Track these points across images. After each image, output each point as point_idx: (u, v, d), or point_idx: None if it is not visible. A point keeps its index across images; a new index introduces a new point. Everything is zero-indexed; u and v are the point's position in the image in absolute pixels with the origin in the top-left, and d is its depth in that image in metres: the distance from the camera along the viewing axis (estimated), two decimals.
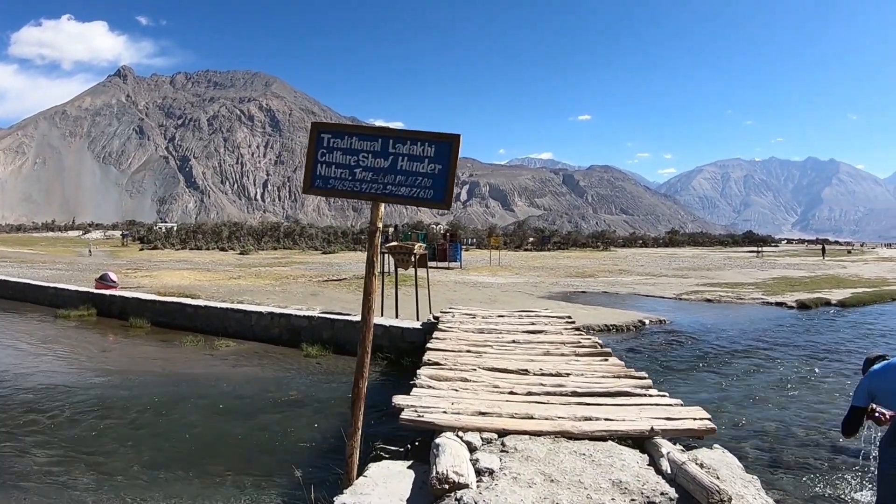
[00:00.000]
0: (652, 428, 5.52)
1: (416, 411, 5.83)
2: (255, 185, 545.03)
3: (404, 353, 13.18)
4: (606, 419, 5.83)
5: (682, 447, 5.43)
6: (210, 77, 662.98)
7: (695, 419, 5.93)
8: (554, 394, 6.87)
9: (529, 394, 6.85)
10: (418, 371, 7.67)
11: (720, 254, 79.53)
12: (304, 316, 15.82)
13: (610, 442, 5.37)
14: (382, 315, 15.90)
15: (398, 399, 6.21)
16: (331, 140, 5.42)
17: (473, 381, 7.33)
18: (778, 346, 16.48)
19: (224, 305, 17.80)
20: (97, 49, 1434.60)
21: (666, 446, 5.15)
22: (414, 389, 6.81)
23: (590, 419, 5.81)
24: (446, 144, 5.23)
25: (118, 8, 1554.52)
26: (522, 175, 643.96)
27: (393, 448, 5.88)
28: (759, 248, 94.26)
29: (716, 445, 5.62)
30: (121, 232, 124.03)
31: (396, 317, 15.90)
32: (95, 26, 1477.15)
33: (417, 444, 5.83)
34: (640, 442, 5.44)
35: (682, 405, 6.48)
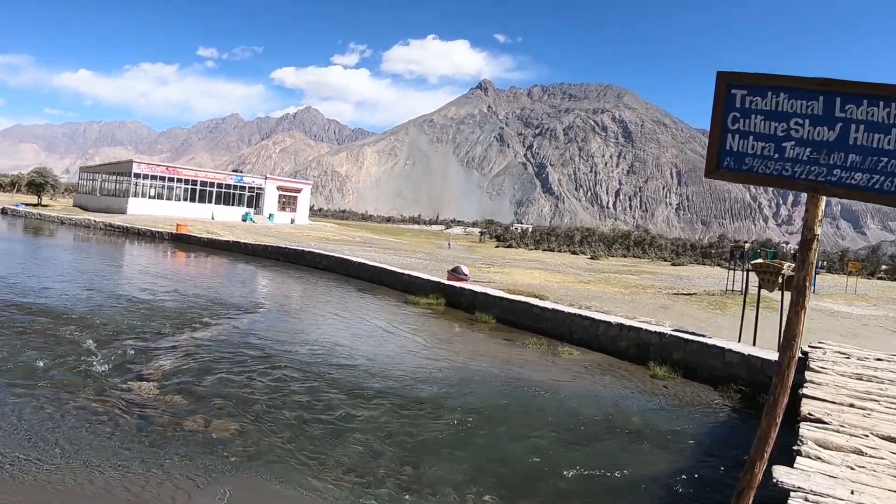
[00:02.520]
0: None
1: (807, 501, 4.19)
2: (607, 193, 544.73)
3: (762, 389, 11.00)
4: None
5: None
6: (564, 89, 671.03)
7: None
8: None
9: None
10: (801, 431, 5.84)
11: None
12: (654, 332, 14.06)
13: None
14: (739, 341, 13.96)
15: (781, 474, 4.55)
16: (747, 98, 3.55)
17: (871, 456, 5.35)
18: None
19: (571, 310, 16.51)
20: (459, 65, 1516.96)
21: None
22: (798, 459, 5.05)
23: None
24: None
25: (478, 27, 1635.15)
26: None
27: None
28: None
29: None
30: (479, 229, 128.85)
31: (754, 344, 13.82)
32: (458, 44, 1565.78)
33: None
34: None
35: None
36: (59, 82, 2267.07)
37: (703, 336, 13.66)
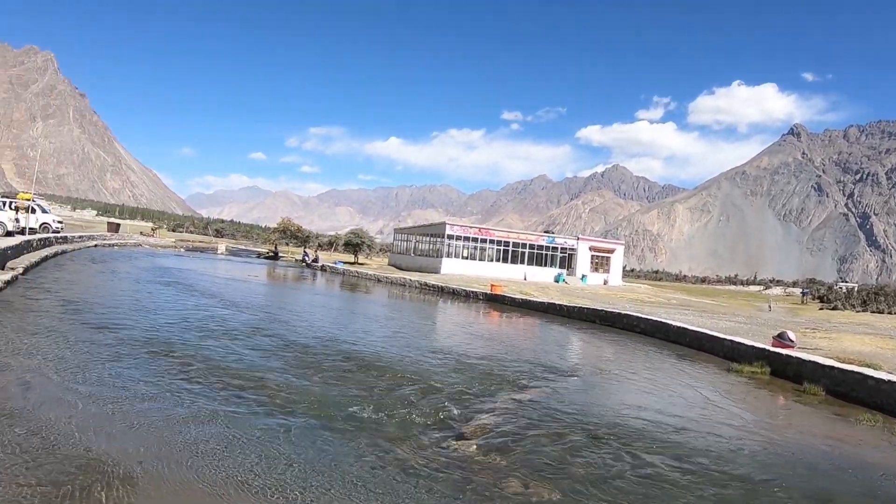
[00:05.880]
0: None
1: None
2: None
3: None
4: None
5: None
6: (883, 127, 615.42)
7: None
8: None
9: None
10: None
11: None
12: None
13: None
14: None
15: None
16: None
17: None
18: None
19: None
20: (769, 110, 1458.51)
21: None
22: None
23: None
24: None
25: (784, 68, 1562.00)
26: None
27: None
28: None
29: None
30: (800, 289, 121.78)
31: None
32: (765, 89, 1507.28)
33: None
34: None
35: None
36: (371, 150, 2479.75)
37: None
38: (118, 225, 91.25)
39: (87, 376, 11.05)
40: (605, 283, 73.37)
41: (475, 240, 70.80)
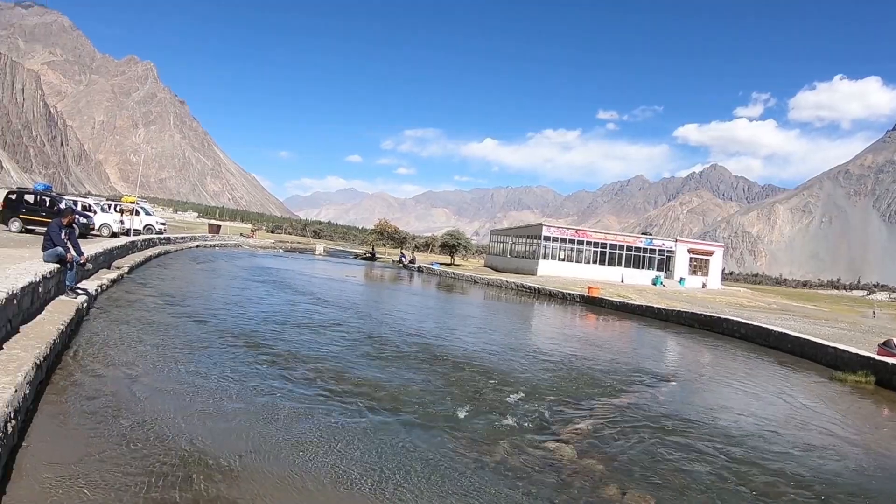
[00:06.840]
0: None
1: None
2: None
3: None
4: None
5: None
6: None
7: None
8: None
9: None
10: None
11: None
12: None
13: None
14: None
15: None
16: None
17: None
18: None
19: None
20: (873, 105, 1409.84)
21: None
22: None
23: None
24: None
25: (888, 61, 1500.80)
26: None
27: None
28: None
29: None
30: None
31: None
32: (868, 83, 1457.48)
33: None
34: None
35: None
36: (467, 151, 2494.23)
37: None
38: (219, 226, 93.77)
39: (188, 368, 11.47)
40: (704, 286, 72.02)
41: (572, 241, 70.29)
